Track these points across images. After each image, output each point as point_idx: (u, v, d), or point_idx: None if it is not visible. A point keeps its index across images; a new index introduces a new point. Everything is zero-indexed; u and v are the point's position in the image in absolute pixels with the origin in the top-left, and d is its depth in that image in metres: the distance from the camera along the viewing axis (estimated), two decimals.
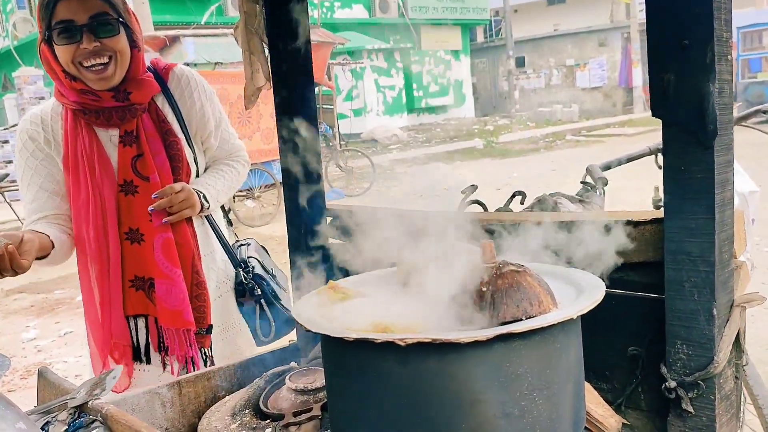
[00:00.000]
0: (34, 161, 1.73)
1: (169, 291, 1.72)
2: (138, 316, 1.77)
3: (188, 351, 1.76)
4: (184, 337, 1.75)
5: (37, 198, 1.73)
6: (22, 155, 1.74)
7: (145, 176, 1.71)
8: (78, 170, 1.70)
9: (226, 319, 1.93)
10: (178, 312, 1.74)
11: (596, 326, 1.00)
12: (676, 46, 0.97)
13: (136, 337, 1.79)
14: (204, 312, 1.79)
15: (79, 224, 1.73)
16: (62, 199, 1.75)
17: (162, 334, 1.76)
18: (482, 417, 0.88)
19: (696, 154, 0.98)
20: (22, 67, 14.62)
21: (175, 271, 1.73)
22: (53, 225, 1.72)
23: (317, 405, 1.19)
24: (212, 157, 1.93)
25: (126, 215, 1.72)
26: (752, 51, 19.00)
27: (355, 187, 12.17)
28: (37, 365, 4.49)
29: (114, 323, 1.76)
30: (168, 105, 1.79)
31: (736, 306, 1.05)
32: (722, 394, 1.05)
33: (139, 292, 1.75)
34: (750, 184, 2.04)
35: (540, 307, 0.92)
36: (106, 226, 1.71)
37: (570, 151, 15.50)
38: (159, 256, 1.72)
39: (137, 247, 1.73)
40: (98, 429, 1.05)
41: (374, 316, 0.98)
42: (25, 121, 1.75)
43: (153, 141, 1.73)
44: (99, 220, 1.70)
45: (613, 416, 1.17)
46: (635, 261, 1.17)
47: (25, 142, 1.74)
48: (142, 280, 1.75)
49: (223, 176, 1.90)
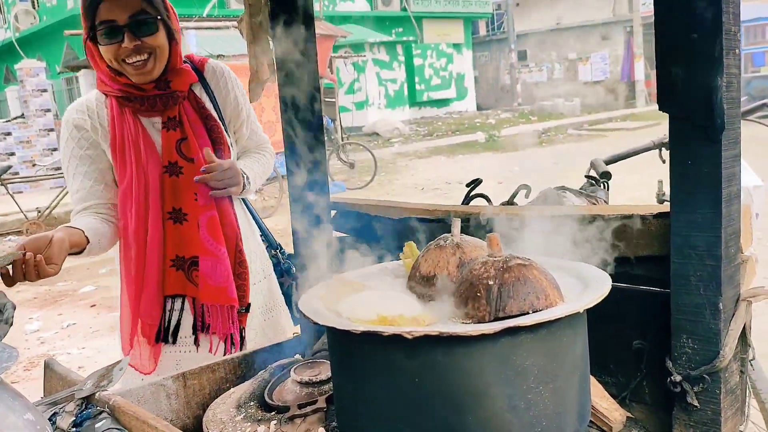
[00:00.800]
0: (79, 150, 1.77)
1: (214, 268, 1.76)
2: (176, 296, 1.80)
3: (230, 328, 1.79)
4: (227, 315, 1.79)
5: (81, 188, 1.76)
6: (68, 145, 1.78)
7: (189, 158, 1.77)
8: (124, 153, 1.75)
9: (270, 300, 1.98)
10: (222, 288, 1.77)
11: (602, 320, 1.01)
12: (685, 40, 0.96)
13: (169, 317, 1.81)
14: (244, 291, 1.83)
15: (123, 206, 1.77)
16: (106, 188, 1.79)
17: (203, 313, 1.79)
18: (489, 410, 0.88)
19: (703, 149, 0.98)
20: (24, 59, 14.60)
21: (220, 248, 1.77)
22: (96, 215, 1.76)
23: (322, 397, 1.19)
24: (243, 147, 1.99)
25: (170, 195, 1.77)
26: (756, 45, 18.93)
27: (357, 181, 12.17)
28: (41, 357, 4.51)
29: (144, 303, 1.78)
30: (205, 93, 1.86)
31: (742, 300, 1.05)
32: (727, 388, 1.05)
33: (179, 272, 1.78)
34: (754, 178, 2.04)
35: (546, 301, 0.92)
36: (148, 206, 1.75)
37: (572, 145, 15.48)
38: (204, 234, 1.76)
39: (179, 226, 1.77)
40: (105, 420, 1.05)
41: (381, 308, 0.98)
42: (71, 111, 1.80)
43: (195, 125, 1.80)
44: (141, 201, 1.75)
45: (618, 410, 1.17)
46: (641, 255, 1.17)
47: (71, 131, 1.78)
48: (183, 260, 1.78)
49: (258, 161, 1.97)
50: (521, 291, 0.91)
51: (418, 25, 23.92)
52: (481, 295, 0.92)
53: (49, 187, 12.12)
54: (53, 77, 18.75)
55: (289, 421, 1.15)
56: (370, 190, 11.37)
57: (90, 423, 1.05)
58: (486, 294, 0.92)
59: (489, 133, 17.74)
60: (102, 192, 1.77)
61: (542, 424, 0.90)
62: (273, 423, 1.16)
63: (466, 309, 0.94)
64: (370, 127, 20.25)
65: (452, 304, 0.98)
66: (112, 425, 1.03)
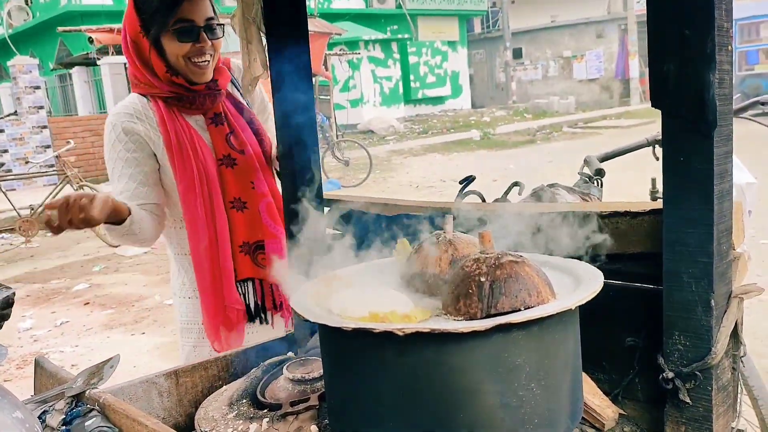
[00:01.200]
0: (126, 153, 1.83)
1: (279, 249, 1.88)
2: (246, 280, 1.91)
3: None
4: None
5: (126, 189, 1.82)
6: (115, 147, 1.83)
7: (240, 149, 1.89)
8: (181, 150, 1.82)
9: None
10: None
11: (594, 317, 1.00)
12: (677, 36, 0.96)
13: (246, 301, 1.92)
14: None
15: (189, 201, 1.84)
16: (150, 189, 1.85)
17: (272, 293, 1.93)
18: (480, 407, 0.88)
19: (695, 145, 0.98)
20: (17, 56, 14.52)
21: (280, 230, 1.88)
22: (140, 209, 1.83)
23: (314, 395, 1.19)
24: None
25: (229, 186, 1.87)
26: (750, 43, 18.97)
27: (352, 178, 12.16)
28: (33, 355, 4.49)
29: (227, 289, 1.88)
30: (237, 90, 1.98)
31: (734, 297, 1.05)
32: (719, 385, 1.05)
33: (246, 256, 1.90)
34: (747, 175, 2.04)
35: (538, 298, 0.92)
36: (212, 197, 1.85)
37: (566, 142, 15.51)
38: (266, 218, 1.89)
39: (242, 214, 1.89)
40: (95, 418, 1.04)
41: (372, 305, 0.98)
42: (119, 115, 1.84)
43: (238, 119, 1.92)
44: (206, 193, 1.85)
45: (610, 407, 1.17)
46: (633, 252, 1.17)
47: (118, 134, 1.82)
48: (249, 245, 1.90)
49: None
50: (513, 288, 0.91)
51: (413, 23, 23.89)
52: (473, 292, 0.92)
53: (42, 184, 12.08)
54: (46, 74, 18.66)
55: (281, 419, 1.15)
56: (365, 188, 11.37)
57: (80, 421, 1.04)
58: (478, 291, 0.92)
59: (484, 131, 17.76)
60: (146, 193, 1.84)
61: (534, 421, 0.90)
62: (265, 421, 1.16)
63: (458, 306, 0.94)
64: (365, 124, 20.24)
65: (444, 301, 0.98)
66: (102, 423, 1.03)
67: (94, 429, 1.02)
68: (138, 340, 4.98)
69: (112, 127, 1.83)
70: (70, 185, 8.47)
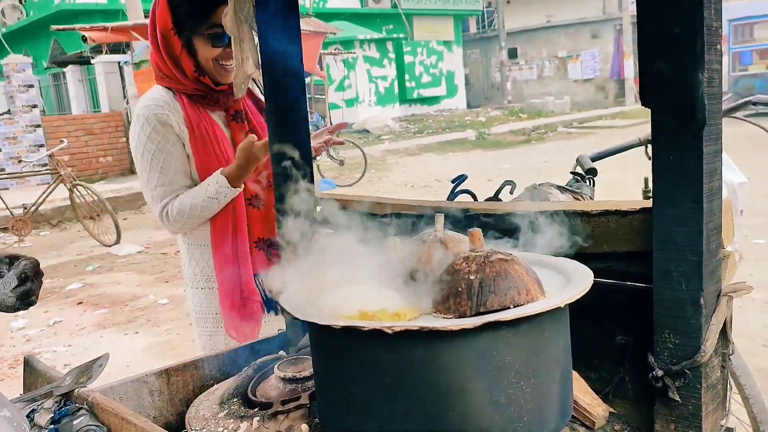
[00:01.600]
0: (166, 145, 1.88)
1: None
2: (260, 275, 1.97)
3: None
4: None
5: (170, 181, 1.89)
6: (152, 139, 1.87)
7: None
8: (206, 145, 1.90)
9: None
10: None
11: (584, 315, 1.00)
12: (667, 36, 0.96)
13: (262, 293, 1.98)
14: None
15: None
16: (185, 178, 1.93)
17: None
18: (469, 405, 0.88)
19: (685, 144, 0.98)
20: (10, 54, 14.45)
21: None
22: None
23: (305, 394, 1.18)
24: None
25: (246, 183, 1.92)
26: (743, 44, 19.04)
27: (347, 178, 12.15)
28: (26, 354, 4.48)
29: (245, 280, 1.95)
30: (257, 88, 2.07)
31: (724, 295, 1.05)
32: (708, 383, 1.05)
33: (261, 252, 1.97)
34: (739, 175, 2.05)
35: (528, 296, 0.92)
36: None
37: (562, 142, 15.53)
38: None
39: (258, 211, 1.97)
40: (84, 417, 1.04)
41: (362, 303, 0.97)
42: (152, 107, 1.88)
43: (256, 117, 2.01)
44: None
45: (600, 405, 1.18)
46: (623, 250, 1.17)
47: (154, 126, 1.87)
48: (263, 241, 1.97)
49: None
50: (502, 286, 0.91)
51: (409, 23, 23.90)
52: (462, 290, 0.92)
53: (36, 183, 12.02)
54: (40, 73, 18.60)
55: (272, 418, 1.15)
56: (360, 187, 11.37)
57: (68, 420, 1.04)
58: (467, 289, 0.92)
59: (479, 131, 17.77)
60: (184, 181, 1.92)
61: (523, 419, 0.90)
62: (256, 419, 1.15)
63: (448, 304, 0.94)
64: (361, 124, 20.22)
65: (434, 299, 0.98)
66: (91, 422, 1.02)
67: (82, 428, 1.01)
68: (131, 339, 4.96)
69: (146, 119, 1.87)
70: (63, 184, 8.44)
